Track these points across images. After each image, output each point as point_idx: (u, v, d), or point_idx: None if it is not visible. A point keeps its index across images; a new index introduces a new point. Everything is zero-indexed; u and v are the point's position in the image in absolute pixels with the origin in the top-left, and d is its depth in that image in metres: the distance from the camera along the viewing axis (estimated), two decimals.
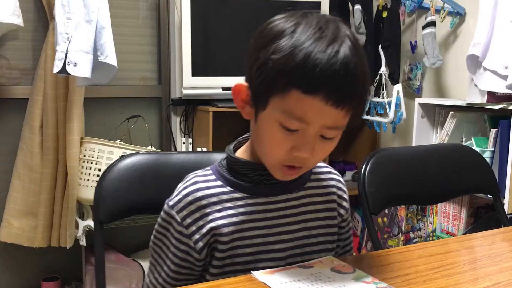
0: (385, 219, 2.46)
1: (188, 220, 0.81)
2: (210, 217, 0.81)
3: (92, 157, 2.13)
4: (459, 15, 2.29)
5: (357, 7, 2.42)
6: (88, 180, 2.12)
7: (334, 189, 0.91)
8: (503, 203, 1.78)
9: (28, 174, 2.14)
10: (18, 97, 2.23)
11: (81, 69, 1.93)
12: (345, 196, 0.92)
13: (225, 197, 0.82)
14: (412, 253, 0.94)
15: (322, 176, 0.91)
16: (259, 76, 0.74)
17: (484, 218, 2.05)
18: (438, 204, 2.15)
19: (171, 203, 0.82)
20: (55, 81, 2.11)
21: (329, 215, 0.89)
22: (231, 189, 0.83)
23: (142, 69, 2.53)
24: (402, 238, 2.35)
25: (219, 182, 0.83)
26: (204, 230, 0.80)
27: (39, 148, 2.13)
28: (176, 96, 2.53)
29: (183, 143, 2.55)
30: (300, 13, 0.77)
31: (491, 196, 1.40)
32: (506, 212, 1.69)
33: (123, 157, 1.04)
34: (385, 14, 2.38)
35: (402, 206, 2.31)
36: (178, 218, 0.81)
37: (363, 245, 2.71)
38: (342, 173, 2.78)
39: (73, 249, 2.21)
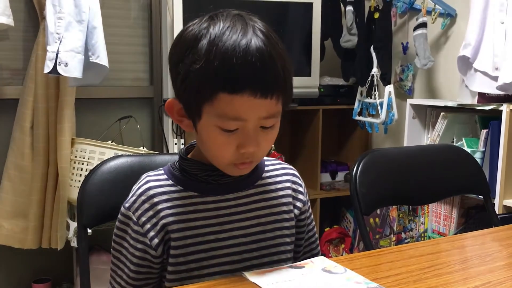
0: (377, 219, 2.47)
1: (143, 219, 0.83)
2: (162, 214, 0.83)
3: (83, 158, 2.12)
4: (450, 16, 2.30)
5: (349, 8, 2.43)
6: (79, 181, 2.10)
7: (288, 184, 0.92)
8: (494, 204, 1.79)
9: (18, 175, 2.13)
10: (9, 97, 2.22)
11: (72, 69, 1.92)
12: (301, 189, 0.94)
13: (175, 195, 0.84)
14: (403, 253, 0.94)
15: (276, 173, 0.93)
16: (185, 89, 0.77)
17: (475, 218, 2.06)
18: (430, 205, 2.17)
19: (127, 204, 0.85)
20: (46, 81, 2.09)
21: (285, 209, 0.90)
22: (181, 188, 0.85)
23: (134, 69, 2.52)
24: (393, 239, 2.36)
25: (170, 182, 0.85)
26: (158, 227, 0.82)
27: (29, 149, 2.12)
28: (168, 97, 2.52)
29: (175, 143, 2.54)
30: (208, 16, 0.80)
31: (481, 197, 1.41)
32: (497, 213, 1.71)
33: (106, 160, 1.04)
34: (376, 15, 2.39)
35: (394, 206, 2.32)
36: (134, 218, 0.83)
37: (355, 246, 2.71)
38: (334, 174, 2.78)
39: (64, 250, 2.19)
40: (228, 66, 0.73)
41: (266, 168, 0.92)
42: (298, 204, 0.93)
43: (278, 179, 0.92)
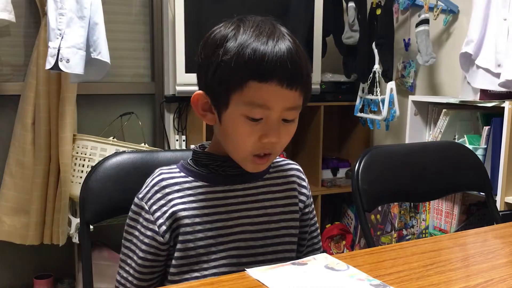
0: (378, 216, 2.47)
1: (154, 207, 0.86)
2: (173, 203, 0.86)
3: (85, 154, 2.12)
4: (452, 13, 2.30)
5: (351, 4, 2.42)
6: (81, 177, 2.11)
7: (294, 178, 0.97)
8: (495, 200, 1.79)
9: (20, 171, 2.13)
10: (10, 93, 2.22)
11: (74, 65, 1.92)
12: (304, 184, 0.99)
13: (186, 185, 0.88)
14: (405, 250, 0.94)
15: (281, 168, 0.97)
16: (215, 80, 0.82)
17: (477, 215, 2.06)
18: (431, 202, 2.16)
19: (140, 195, 0.88)
20: (47, 77, 2.09)
21: (290, 202, 0.95)
22: (192, 178, 0.89)
23: (135, 65, 2.52)
24: (395, 235, 2.36)
25: (182, 174, 0.90)
26: (167, 214, 0.86)
27: (31, 145, 2.12)
28: (169, 93, 2.52)
29: (177, 140, 2.54)
30: (236, 18, 0.85)
31: (483, 193, 1.41)
32: (498, 209, 1.70)
33: (108, 156, 1.04)
34: (379, 11, 2.39)
35: (395, 203, 2.32)
36: (146, 207, 0.87)
37: (356, 242, 2.72)
38: (336, 170, 2.78)
39: (66, 246, 2.20)
40: (258, 57, 0.79)
41: (272, 164, 0.96)
42: (302, 197, 0.97)
43: (284, 173, 0.96)
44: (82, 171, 2.12)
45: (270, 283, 0.76)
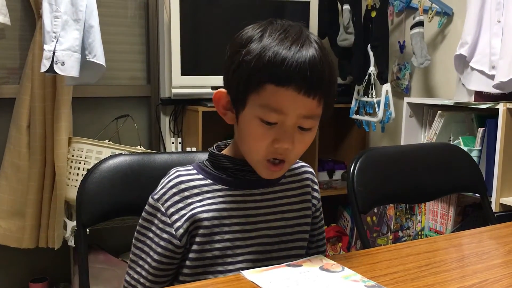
0: (374, 218, 2.47)
1: (172, 210, 0.85)
2: (192, 206, 0.86)
3: (80, 157, 2.11)
4: (447, 15, 2.31)
5: (346, 7, 2.43)
6: (77, 180, 2.10)
7: (308, 182, 0.97)
8: (490, 202, 1.80)
9: (15, 174, 2.12)
10: (5, 96, 2.21)
11: (69, 68, 1.92)
12: (316, 187, 0.99)
13: (206, 188, 0.87)
14: (401, 252, 0.95)
15: (296, 171, 0.97)
16: (235, 79, 0.82)
17: (472, 216, 2.06)
18: (427, 203, 2.17)
19: (156, 196, 0.87)
20: (42, 80, 2.09)
21: (304, 207, 0.95)
22: (211, 181, 0.88)
23: (131, 68, 2.51)
24: (391, 237, 2.36)
25: (200, 176, 0.89)
26: (185, 217, 0.85)
27: (26, 148, 2.11)
28: (165, 96, 2.52)
29: (173, 142, 2.54)
30: (267, 21, 0.85)
31: (478, 195, 1.41)
32: (493, 211, 1.71)
33: (105, 159, 1.04)
34: (373, 14, 2.39)
35: (391, 205, 2.33)
36: (163, 209, 0.86)
37: (352, 244, 2.72)
38: (331, 172, 2.79)
39: (61, 250, 2.19)
40: (278, 61, 0.78)
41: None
42: (314, 201, 0.97)
43: (299, 177, 0.96)
44: (77, 174, 2.11)
45: (265, 284, 0.76)
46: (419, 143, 2.17)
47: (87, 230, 1.02)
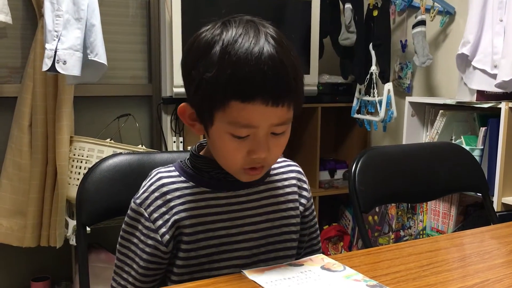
0: (375, 217, 2.47)
1: (155, 215, 0.83)
2: (175, 210, 0.83)
3: (82, 156, 2.12)
4: (449, 14, 2.30)
5: (348, 6, 2.42)
6: (78, 179, 2.10)
7: (294, 181, 0.94)
8: (492, 201, 1.80)
9: (17, 173, 2.12)
10: (7, 95, 2.21)
11: (71, 67, 1.92)
12: (305, 186, 0.95)
13: (188, 191, 0.85)
14: (402, 251, 0.94)
15: (282, 170, 0.94)
16: (198, 96, 0.79)
17: (474, 216, 2.06)
18: (428, 202, 2.17)
19: (138, 201, 0.85)
20: (44, 79, 2.09)
21: (291, 206, 0.92)
22: (193, 184, 0.86)
23: (133, 67, 2.52)
24: (392, 236, 2.36)
25: (182, 178, 0.86)
26: (169, 223, 0.83)
27: (28, 147, 2.12)
28: (166, 95, 2.52)
29: (174, 141, 2.54)
30: (221, 22, 0.81)
31: (480, 194, 1.41)
32: (495, 210, 1.71)
33: (105, 158, 1.03)
34: (375, 13, 2.39)
35: (393, 204, 2.32)
36: (146, 214, 0.84)
37: (353, 243, 2.72)
38: (333, 172, 2.78)
39: (63, 248, 2.19)
40: (240, 75, 0.74)
41: (273, 166, 0.93)
42: (303, 200, 0.94)
43: (285, 176, 0.94)
44: (79, 173, 2.11)
45: (266, 284, 0.76)
46: (420, 143, 2.16)
47: (89, 229, 1.02)
